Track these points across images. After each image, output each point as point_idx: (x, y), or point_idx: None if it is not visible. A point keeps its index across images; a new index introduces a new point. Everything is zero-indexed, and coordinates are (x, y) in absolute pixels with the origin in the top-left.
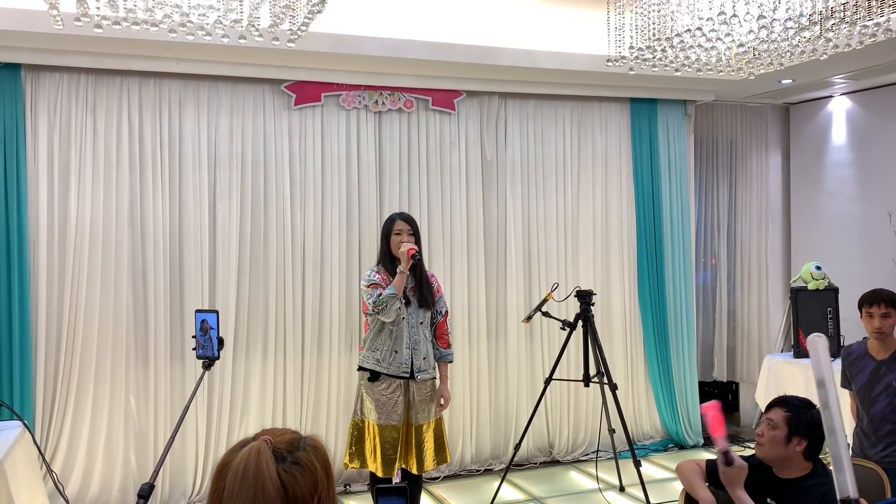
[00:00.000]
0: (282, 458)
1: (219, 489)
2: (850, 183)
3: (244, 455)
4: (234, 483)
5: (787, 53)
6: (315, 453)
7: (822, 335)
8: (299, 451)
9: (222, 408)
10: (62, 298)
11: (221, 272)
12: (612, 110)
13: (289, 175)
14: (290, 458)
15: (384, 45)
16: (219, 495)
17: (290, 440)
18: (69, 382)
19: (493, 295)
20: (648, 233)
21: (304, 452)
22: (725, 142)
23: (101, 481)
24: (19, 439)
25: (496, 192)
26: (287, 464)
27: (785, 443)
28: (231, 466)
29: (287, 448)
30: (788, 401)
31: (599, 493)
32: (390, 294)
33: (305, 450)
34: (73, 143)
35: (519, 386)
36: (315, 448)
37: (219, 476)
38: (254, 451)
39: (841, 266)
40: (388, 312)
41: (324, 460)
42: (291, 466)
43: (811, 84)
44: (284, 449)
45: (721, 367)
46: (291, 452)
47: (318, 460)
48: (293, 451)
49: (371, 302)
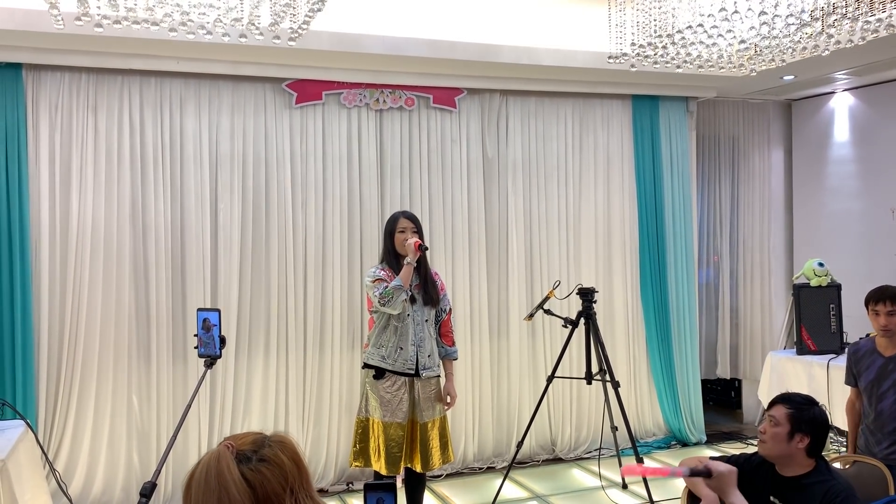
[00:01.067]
0: (246, 459)
1: (188, 501)
2: (852, 179)
3: (204, 462)
4: (199, 492)
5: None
6: (281, 447)
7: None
8: (264, 449)
9: (224, 406)
10: (64, 297)
11: (223, 271)
12: (614, 107)
13: (290, 173)
14: (256, 457)
15: (385, 43)
16: None
17: (254, 440)
18: (72, 381)
19: (494, 293)
20: (650, 230)
21: (269, 449)
22: (727, 138)
23: (104, 480)
24: (22, 438)
25: (497, 189)
26: (252, 463)
27: (787, 440)
28: (194, 477)
29: (251, 448)
30: (791, 398)
31: (602, 491)
32: (396, 285)
33: (270, 446)
34: (74, 143)
35: (521, 384)
36: (281, 443)
37: (186, 490)
38: (213, 457)
39: (844, 262)
40: (395, 304)
41: (292, 453)
42: (257, 464)
43: (813, 80)
44: (249, 450)
45: (724, 365)
46: (256, 451)
47: (284, 454)
48: (258, 450)
49: (377, 294)
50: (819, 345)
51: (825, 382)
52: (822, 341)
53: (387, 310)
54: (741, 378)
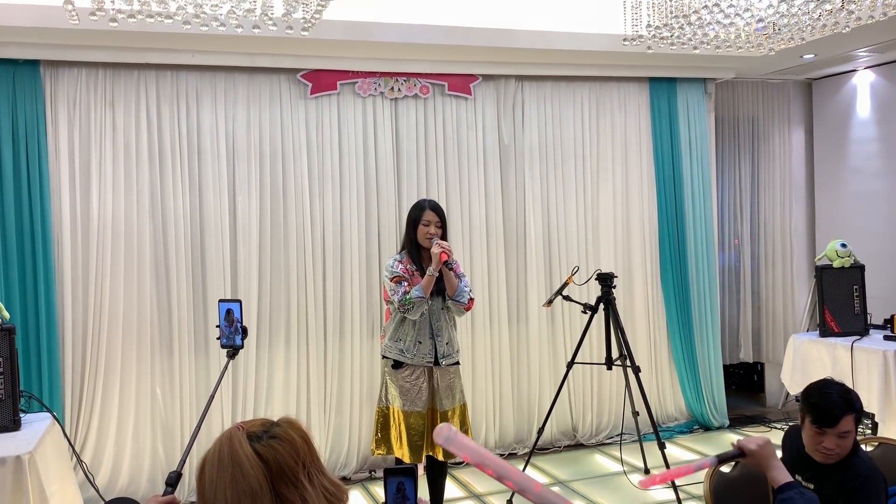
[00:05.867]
0: (257, 438)
1: (202, 484)
2: (875, 158)
3: (216, 444)
4: (213, 471)
5: (808, 27)
6: (290, 426)
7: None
8: (275, 428)
9: (247, 397)
10: (87, 292)
11: (242, 262)
12: (631, 90)
13: (307, 164)
14: (267, 435)
15: (398, 31)
16: (202, 490)
17: (263, 422)
18: (96, 374)
19: (513, 279)
20: (670, 214)
21: (279, 428)
22: (747, 120)
23: (129, 471)
24: (49, 431)
25: (514, 176)
26: (264, 440)
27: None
28: (207, 458)
29: (261, 429)
30: (852, 402)
31: (624, 476)
32: (418, 297)
33: (279, 426)
34: (93, 138)
35: (541, 370)
36: (290, 423)
37: (200, 472)
38: (225, 437)
39: (867, 243)
40: (415, 312)
41: (300, 431)
42: (269, 440)
43: (834, 58)
44: (259, 430)
45: (747, 348)
46: (266, 431)
47: (294, 432)
48: (268, 430)
49: (397, 300)
50: (843, 326)
51: (849, 364)
52: (846, 323)
53: (407, 315)
54: (764, 361)
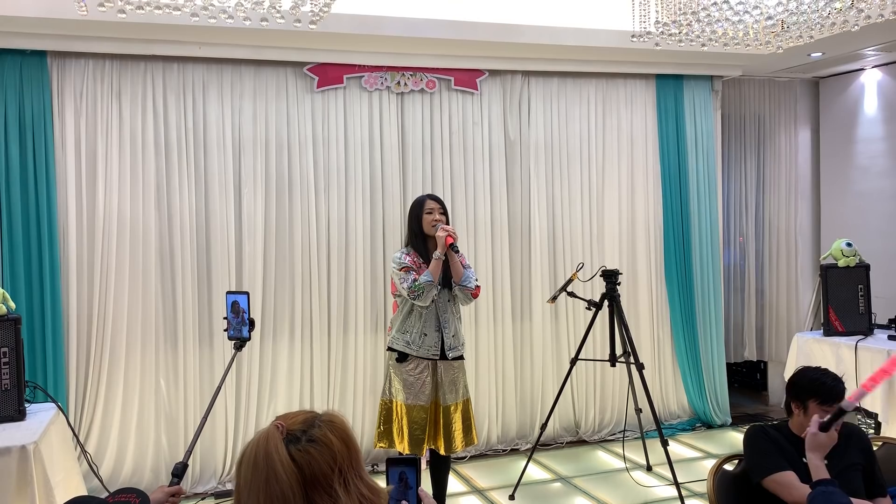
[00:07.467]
0: (296, 439)
1: (238, 480)
2: (881, 157)
3: (254, 442)
4: (248, 471)
5: (816, 25)
6: (331, 427)
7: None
8: (314, 429)
9: (251, 390)
10: (92, 283)
11: (248, 255)
12: (637, 87)
13: (312, 158)
14: (305, 437)
15: (406, 25)
16: (238, 486)
17: (305, 419)
18: (101, 365)
19: (517, 275)
20: (675, 211)
21: (318, 429)
22: (753, 117)
23: (133, 462)
24: (54, 421)
25: (520, 171)
26: (301, 443)
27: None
28: (245, 455)
29: (301, 428)
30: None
31: (626, 473)
32: (427, 281)
33: (320, 426)
34: (99, 129)
35: (545, 366)
36: (331, 423)
37: (237, 468)
38: (262, 438)
39: (872, 242)
40: (425, 298)
41: (341, 433)
42: (306, 444)
43: (842, 57)
44: (298, 430)
45: (750, 347)
46: (306, 431)
47: (334, 434)
48: (308, 430)
49: (406, 287)
50: (847, 326)
51: (853, 364)
52: (851, 322)
53: (417, 302)
54: (767, 360)
